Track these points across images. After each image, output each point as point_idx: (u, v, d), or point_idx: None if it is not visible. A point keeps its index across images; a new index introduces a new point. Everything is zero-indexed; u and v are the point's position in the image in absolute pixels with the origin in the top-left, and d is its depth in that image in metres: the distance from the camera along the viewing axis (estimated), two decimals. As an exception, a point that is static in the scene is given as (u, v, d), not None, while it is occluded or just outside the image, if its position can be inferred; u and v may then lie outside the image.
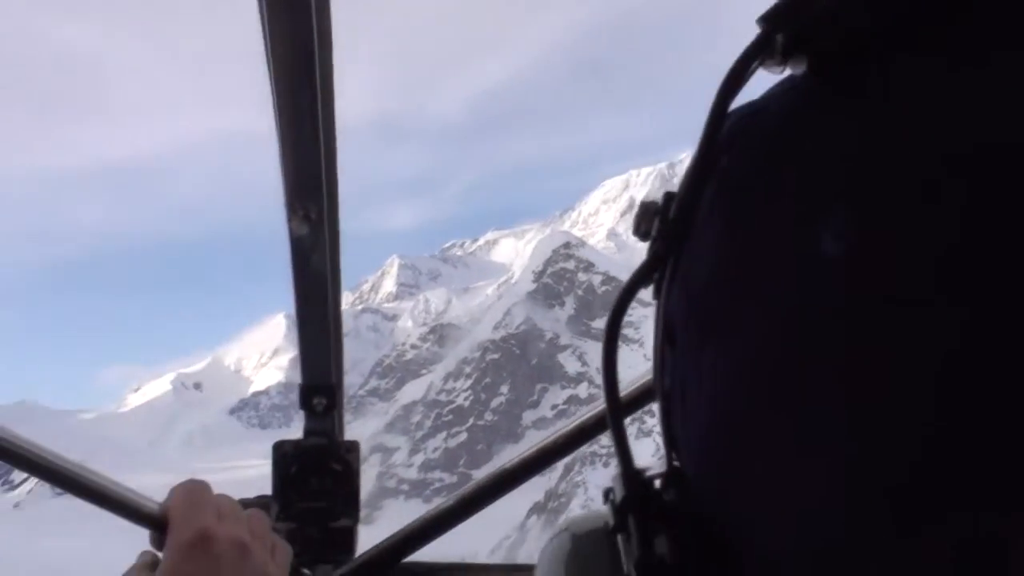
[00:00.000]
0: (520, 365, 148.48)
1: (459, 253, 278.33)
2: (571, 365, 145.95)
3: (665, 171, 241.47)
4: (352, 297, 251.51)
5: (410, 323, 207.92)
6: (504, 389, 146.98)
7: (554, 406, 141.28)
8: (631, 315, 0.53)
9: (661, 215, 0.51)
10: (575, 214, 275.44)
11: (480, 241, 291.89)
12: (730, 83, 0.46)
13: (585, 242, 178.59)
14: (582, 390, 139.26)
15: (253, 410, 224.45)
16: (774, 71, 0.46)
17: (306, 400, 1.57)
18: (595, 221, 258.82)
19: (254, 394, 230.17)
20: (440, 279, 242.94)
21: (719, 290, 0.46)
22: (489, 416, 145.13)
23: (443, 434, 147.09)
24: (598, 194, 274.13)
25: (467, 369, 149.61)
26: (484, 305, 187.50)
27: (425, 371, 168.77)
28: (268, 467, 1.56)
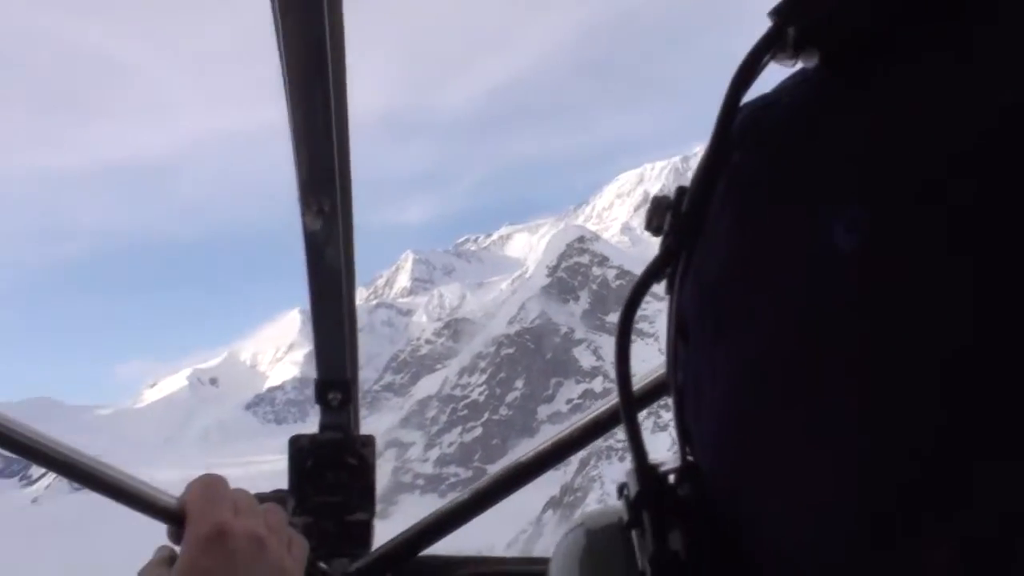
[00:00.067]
0: (535, 359, 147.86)
1: (473, 248, 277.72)
2: (586, 359, 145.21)
3: (679, 165, 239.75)
4: (367, 292, 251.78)
5: (424, 318, 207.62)
6: (519, 384, 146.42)
7: (569, 400, 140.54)
8: (646, 309, 0.52)
9: (673, 210, 0.51)
10: (589, 208, 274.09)
11: (494, 236, 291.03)
12: (742, 76, 0.46)
13: (599, 236, 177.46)
14: (597, 384, 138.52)
15: (269, 405, 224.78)
16: (786, 64, 0.46)
17: (321, 395, 1.57)
18: (609, 215, 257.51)
19: (269, 389, 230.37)
20: (454, 274, 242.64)
21: (731, 285, 0.46)
22: (504, 411, 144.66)
23: (458, 429, 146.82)
24: (612, 188, 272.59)
25: (482, 364, 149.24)
26: (498, 300, 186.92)
27: (440, 366, 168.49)
28: (284, 462, 1.56)
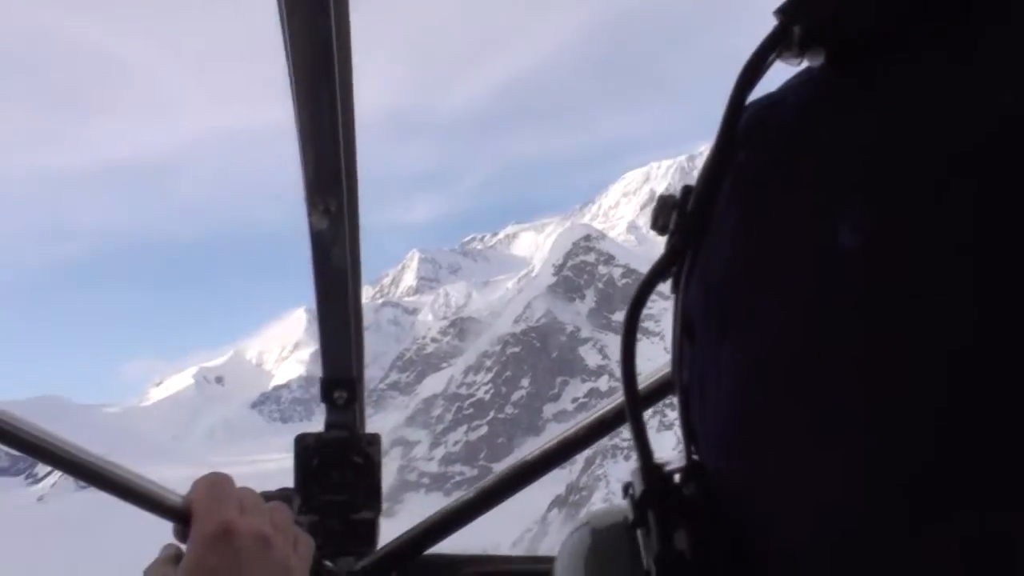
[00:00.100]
0: (540, 358, 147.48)
1: (479, 247, 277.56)
2: (592, 358, 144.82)
3: (685, 164, 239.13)
4: (372, 291, 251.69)
5: (430, 317, 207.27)
6: (524, 382, 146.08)
7: (575, 399, 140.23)
8: (651, 308, 0.52)
9: (679, 209, 0.50)
10: (595, 207, 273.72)
11: (500, 235, 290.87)
12: (747, 75, 0.46)
13: (605, 235, 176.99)
14: (603, 383, 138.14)
15: (274, 404, 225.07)
16: (791, 63, 0.45)
17: (327, 393, 1.57)
18: (615, 214, 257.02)
19: (275, 388, 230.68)
20: (460, 273, 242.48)
21: (737, 284, 0.45)
22: (510, 409, 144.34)
23: (464, 427, 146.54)
24: (618, 187, 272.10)
25: (487, 362, 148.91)
26: (504, 298, 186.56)
27: (445, 365, 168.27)
28: (290, 460, 1.57)
